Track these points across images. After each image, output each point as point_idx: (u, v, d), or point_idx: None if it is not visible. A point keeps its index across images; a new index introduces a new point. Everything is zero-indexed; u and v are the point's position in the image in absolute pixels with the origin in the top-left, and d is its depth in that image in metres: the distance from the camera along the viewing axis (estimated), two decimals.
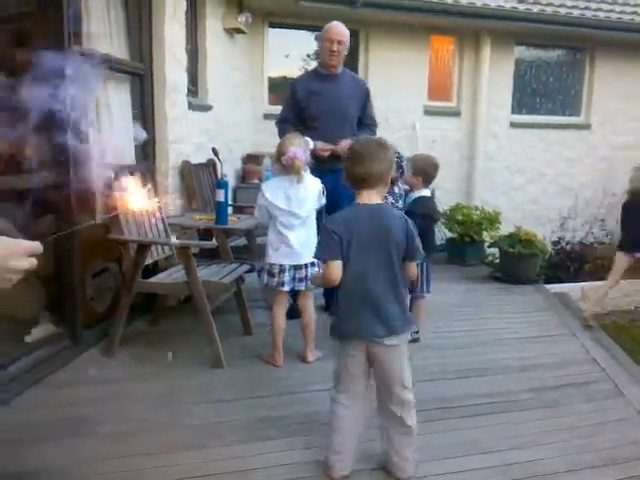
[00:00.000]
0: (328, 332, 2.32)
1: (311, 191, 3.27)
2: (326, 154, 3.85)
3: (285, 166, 3.18)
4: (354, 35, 7.17)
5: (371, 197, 2.23)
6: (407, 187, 3.77)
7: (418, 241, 2.24)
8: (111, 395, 2.86)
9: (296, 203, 3.22)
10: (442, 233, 6.45)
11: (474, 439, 2.62)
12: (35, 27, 3.34)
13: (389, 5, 6.48)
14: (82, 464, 2.29)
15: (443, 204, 6.49)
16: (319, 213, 3.36)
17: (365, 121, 4.13)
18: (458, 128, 7.51)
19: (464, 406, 2.93)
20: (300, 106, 3.94)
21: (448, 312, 4.46)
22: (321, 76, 4.00)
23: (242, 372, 3.22)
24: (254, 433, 2.58)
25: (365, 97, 4.12)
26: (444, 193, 7.00)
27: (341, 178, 3.96)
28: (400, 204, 3.48)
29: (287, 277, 3.23)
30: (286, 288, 3.26)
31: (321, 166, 3.71)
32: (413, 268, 2.30)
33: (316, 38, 4.08)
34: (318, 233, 3.11)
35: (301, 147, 3.22)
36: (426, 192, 3.69)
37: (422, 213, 3.57)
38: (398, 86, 7.09)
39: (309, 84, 3.98)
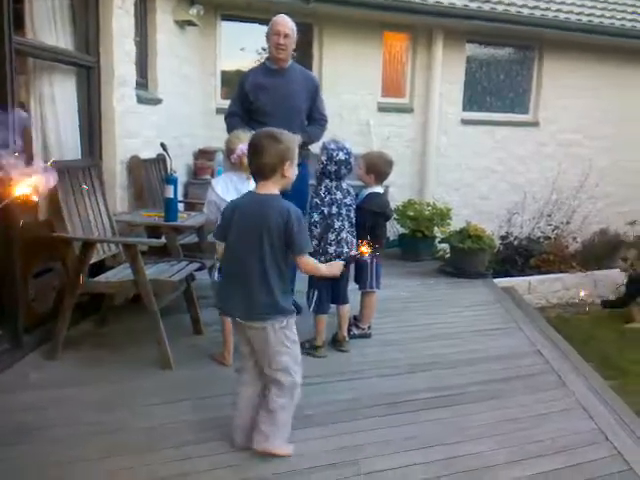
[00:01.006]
0: None
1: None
2: None
3: (234, 163, 3.16)
4: (308, 29, 7.16)
5: (266, 187, 2.33)
6: (361, 183, 3.79)
7: (302, 235, 2.29)
8: (56, 399, 2.78)
9: None
10: (395, 229, 6.52)
11: (420, 434, 2.67)
12: None
13: (343, 0, 6.48)
14: (30, 471, 2.23)
15: (396, 200, 6.56)
16: None
17: (315, 116, 4.12)
18: (411, 125, 7.58)
19: (411, 400, 2.98)
20: (248, 100, 3.92)
21: (399, 307, 4.52)
22: (270, 70, 3.97)
23: (191, 372, 3.18)
24: (203, 434, 2.56)
25: (315, 92, 4.11)
26: (397, 189, 7.07)
27: (302, 175, 4.01)
28: (349, 200, 3.47)
29: None
30: None
31: None
32: (303, 263, 2.33)
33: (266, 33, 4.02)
34: None
35: None
36: (378, 189, 3.72)
37: (373, 210, 3.61)
38: (352, 82, 7.11)
39: (257, 78, 3.95)
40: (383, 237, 3.81)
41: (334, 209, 3.38)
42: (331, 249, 3.39)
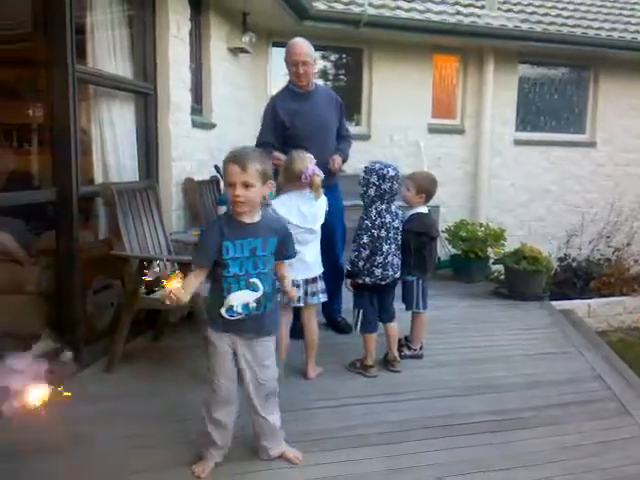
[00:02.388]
0: (328, 349, 2.36)
1: (321, 206, 3.30)
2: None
3: (301, 183, 3.20)
4: (357, 53, 7.26)
5: None
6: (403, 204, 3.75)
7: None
8: (112, 412, 2.84)
9: (311, 219, 3.24)
10: (447, 249, 6.43)
11: (477, 457, 2.58)
12: (37, 47, 3.38)
13: (392, 25, 6.54)
14: None
15: (448, 221, 6.48)
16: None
17: (342, 133, 4.16)
18: (462, 145, 7.52)
19: (465, 424, 2.89)
20: (284, 127, 3.87)
21: (452, 328, 4.42)
22: (297, 95, 3.95)
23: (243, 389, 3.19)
24: (248, 450, 2.54)
25: (341, 110, 4.16)
26: (448, 210, 7.00)
27: (337, 194, 4.05)
28: (397, 223, 3.44)
29: (301, 292, 3.23)
30: (301, 304, 3.26)
31: None
32: None
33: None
34: None
35: (313, 162, 3.25)
36: (423, 209, 3.68)
37: (417, 231, 3.57)
38: (402, 104, 7.12)
39: (288, 104, 3.91)
40: (430, 258, 3.75)
41: (383, 232, 3.35)
42: (377, 271, 3.37)
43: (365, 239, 3.34)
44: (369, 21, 6.32)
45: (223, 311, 2.23)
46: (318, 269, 3.33)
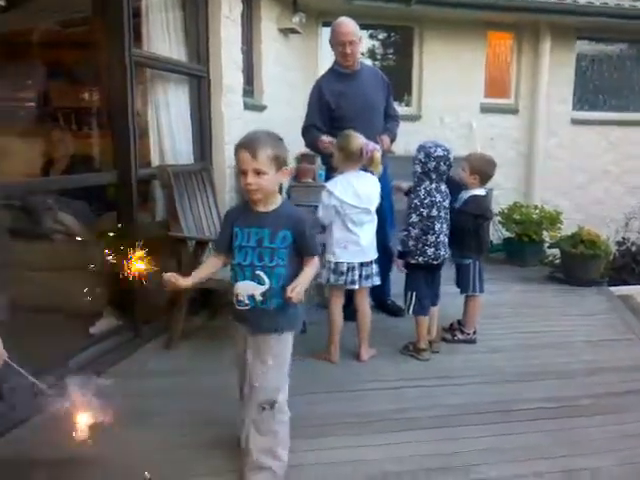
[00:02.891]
0: (380, 332, 2.33)
1: (375, 185, 3.29)
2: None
3: (356, 162, 3.20)
4: (408, 32, 7.12)
5: None
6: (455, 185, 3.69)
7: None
8: (171, 388, 2.92)
9: (366, 199, 3.23)
10: (499, 233, 6.29)
11: (533, 444, 2.54)
12: (95, 31, 3.44)
13: (445, 2, 6.38)
14: (141, 454, 2.33)
15: (500, 203, 6.33)
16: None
17: (389, 112, 4.10)
18: (516, 126, 7.31)
19: (521, 410, 2.85)
20: (330, 109, 3.82)
21: (507, 313, 4.34)
22: (343, 75, 3.89)
23: (297, 368, 3.21)
24: (308, 430, 2.58)
25: (387, 89, 4.09)
26: (502, 192, 6.82)
27: (386, 176, 4.01)
28: (447, 202, 3.40)
29: (356, 275, 3.24)
30: (356, 286, 3.27)
31: None
32: None
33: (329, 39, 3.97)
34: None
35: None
36: (480, 191, 3.61)
37: (474, 213, 3.51)
38: (454, 84, 6.96)
39: (333, 85, 3.86)
40: (486, 239, 3.70)
41: (434, 211, 3.32)
42: (430, 251, 3.35)
43: (414, 218, 3.32)
44: None
45: (234, 299, 2.15)
46: (373, 253, 3.32)
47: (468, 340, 3.67)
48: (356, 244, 3.22)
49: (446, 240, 3.42)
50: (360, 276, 3.26)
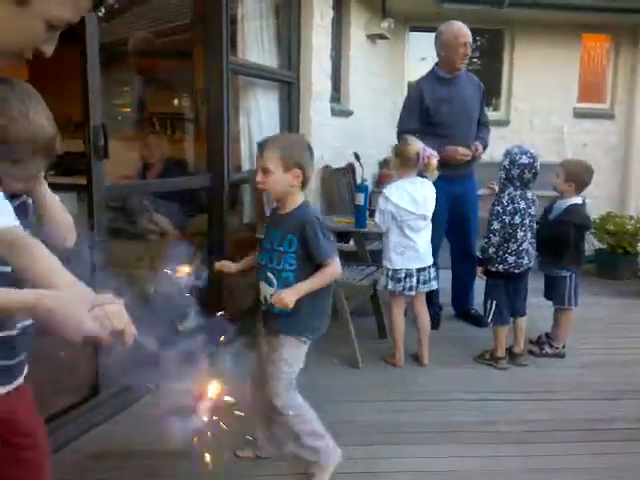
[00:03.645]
0: (458, 341, 2.28)
1: (431, 191, 3.28)
2: (467, 158, 3.79)
3: (413, 168, 3.21)
4: (498, 35, 6.96)
5: None
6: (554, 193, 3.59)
7: None
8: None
9: (423, 205, 3.23)
10: (590, 244, 6.02)
11: (624, 465, 2.43)
12: (193, 39, 3.58)
13: (538, 4, 6.17)
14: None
15: (593, 212, 6.05)
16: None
17: (482, 119, 4.03)
18: (612, 131, 6.97)
19: (616, 429, 2.73)
20: (428, 114, 3.79)
21: (598, 328, 4.14)
22: (444, 80, 3.85)
23: (377, 374, 3.25)
24: (387, 436, 2.59)
25: (483, 96, 4.05)
26: (594, 201, 6.50)
27: (474, 183, 3.96)
28: (533, 210, 3.31)
29: (414, 281, 3.24)
30: (413, 293, 3.28)
31: (450, 172, 3.65)
32: None
33: (438, 42, 3.91)
34: None
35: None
36: (577, 199, 3.48)
37: (575, 222, 3.39)
38: (545, 87, 6.73)
39: (435, 90, 3.82)
40: (583, 251, 3.56)
41: (517, 219, 3.25)
42: (511, 259, 3.28)
43: (496, 225, 3.26)
44: (513, 0, 6.01)
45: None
46: (429, 259, 3.32)
47: (557, 354, 3.55)
48: (413, 250, 3.23)
49: (530, 249, 3.33)
50: (419, 282, 3.26)
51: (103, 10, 2.90)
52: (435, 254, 3.76)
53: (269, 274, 2.10)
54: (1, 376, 1.36)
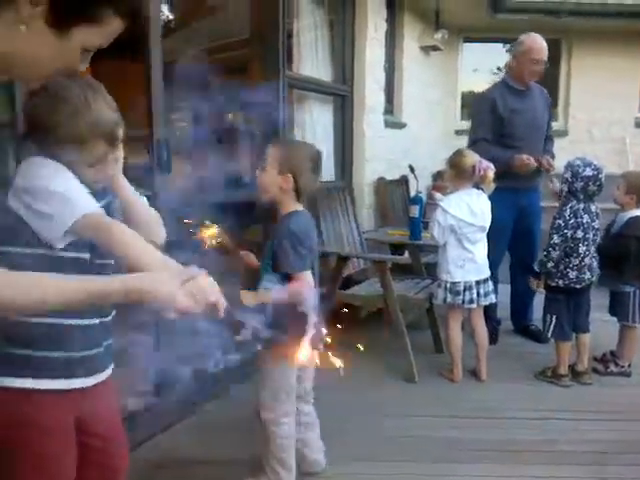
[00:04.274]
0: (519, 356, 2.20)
1: (487, 203, 3.24)
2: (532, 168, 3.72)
3: (468, 180, 3.17)
4: (555, 45, 6.81)
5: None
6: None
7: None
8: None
9: (481, 216, 3.19)
10: None
11: None
12: (251, 54, 3.66)
13: (597, 12, 6.02)
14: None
15: None
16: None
17: (548, 133, 3.96)
18: None
19: None
20: (503, 124, 3.71)
21: None
22: (516, 91, 3.78)
23: (434, 389, 3.20)
24: (442, 453, 2.54)
25: (550, 108, 3.99)
26: None
27: (539, 195, 3.87)
28: (597, 224, 3.20)
29: (474, 294, 3.19)
30: (474, 305, 3.22)
31: (519, 184, 3.62)
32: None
33: (512, 52, 3.85)
34: None
35: None
36: (639, 212, 3.35)
37: (638, 235, 3.26)
38: (605, 97, 6.54)
39: (508, 101, 3.75)
40: None
41: (579, 233, 3.14)
42: (572, 274, 3.18)
43: (556, 239, 3.17)
44: (572, 9, 5.89)
45: None
46: (487, 270, 3.28)
47: (622, 373, 3.40)
48: (472, 262, 3.19)
49: (593, 263, 3.22)
50: (478, 294, 3.20)
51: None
52: (496, 267, 3.71)
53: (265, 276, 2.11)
54: (79, 368, 1.34)
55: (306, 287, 2.04)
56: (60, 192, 1.22)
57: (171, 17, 7.73)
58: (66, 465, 1.36)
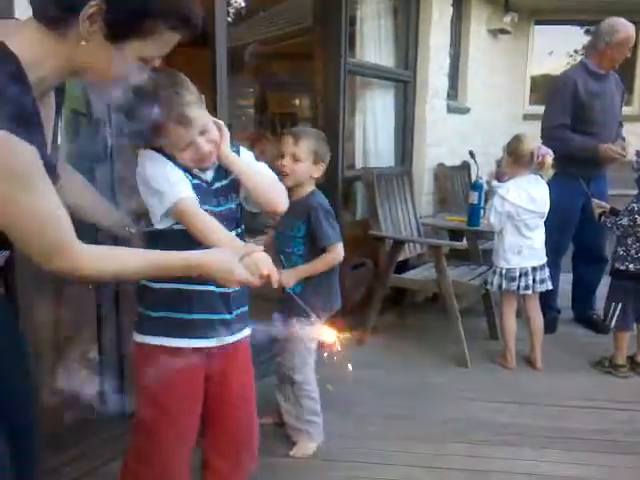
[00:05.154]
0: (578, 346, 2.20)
1: (545, 190, 3.20)
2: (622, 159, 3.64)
3: (527, 166, 3.15)
4: (635, 26, 6.49)
5: None
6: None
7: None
8: (363, 379, 3.01)
9: (541, 203, 3.17)
10: None
11: None
12: (313, 41, 3.72)
13: None
14: (339, 439, 2.49)
15: None
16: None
17: (619, 119, 3.86)
18: None
19: None
20: (583, 108, 3.59)
21: None
22: (598, 76, 3.66)
23: (487, 375, 3.22)
24: (496, 437, 2.57)
25: (623, 93, 3.88)
26: None
27: (605, 182, 3.76)
28: None
29: (530, 280, 3.18)
30: (529, 291, 3.20)
31: (590, 172, 3.57)
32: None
33: (606, 40, 3.64)
34: None
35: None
36: None
37: None
38: None
39: (589, 84, 3.63)
40: None
41: None
42: None
43: (625, 221, 3.09)
44: None
45: None
46: (544, 256, 3.25)
47: None
48: (530, 248, 3.18)
49: None
50: (534, 281, 3.18)
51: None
52: (560, 256, 3.69)
53: (280, 256, 2.25)
54: (216, 330, 1.51)
55: (341, 258, 2.28)
56: (153, 186, 1.42)
57: (243, 4, 7.91)
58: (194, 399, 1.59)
